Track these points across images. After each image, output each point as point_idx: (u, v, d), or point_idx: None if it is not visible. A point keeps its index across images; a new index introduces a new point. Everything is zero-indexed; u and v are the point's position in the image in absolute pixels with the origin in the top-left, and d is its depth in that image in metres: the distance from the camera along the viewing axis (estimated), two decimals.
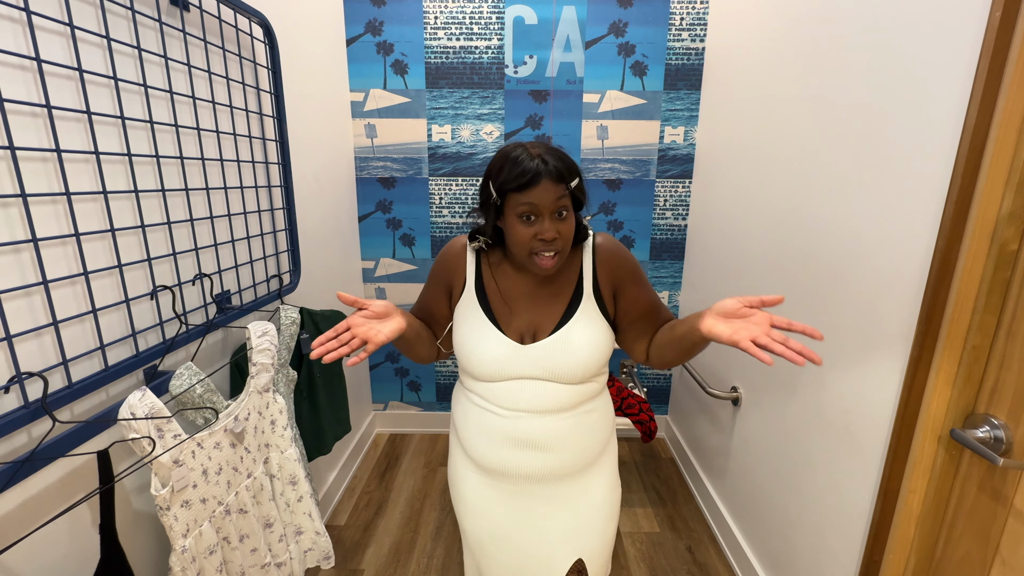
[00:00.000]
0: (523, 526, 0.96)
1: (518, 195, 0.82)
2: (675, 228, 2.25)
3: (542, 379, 0.90)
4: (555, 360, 0.89)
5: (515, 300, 0.94)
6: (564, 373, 0.90)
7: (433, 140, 2.16)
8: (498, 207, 0.87)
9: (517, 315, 0.93)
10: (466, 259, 0.97)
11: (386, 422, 2.53)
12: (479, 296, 0.94)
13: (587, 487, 0.98)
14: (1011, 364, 0.80)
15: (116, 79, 0.86)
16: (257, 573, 1.05)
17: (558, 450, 0.92)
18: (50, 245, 0.76)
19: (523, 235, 0.84)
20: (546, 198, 0.82)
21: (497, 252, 0.98)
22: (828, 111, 1.21)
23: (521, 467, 0.93)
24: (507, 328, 0.92)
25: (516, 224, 0.84)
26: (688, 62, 2.07)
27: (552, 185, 0.81)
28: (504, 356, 0.90)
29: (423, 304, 1.03)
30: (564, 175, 0.83)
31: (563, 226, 0.85)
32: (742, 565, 1.60)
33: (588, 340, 0.90)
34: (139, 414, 0.79)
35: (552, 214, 0.83)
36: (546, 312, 0.93)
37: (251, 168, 1.28)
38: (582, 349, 0.89)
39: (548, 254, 0.85)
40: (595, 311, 0.92)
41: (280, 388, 1.20)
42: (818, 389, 1.23)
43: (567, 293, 0.93)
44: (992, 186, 0.79)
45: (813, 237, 1.26)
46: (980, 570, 0.86)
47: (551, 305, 0.93)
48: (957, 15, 0.85)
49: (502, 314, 0.93)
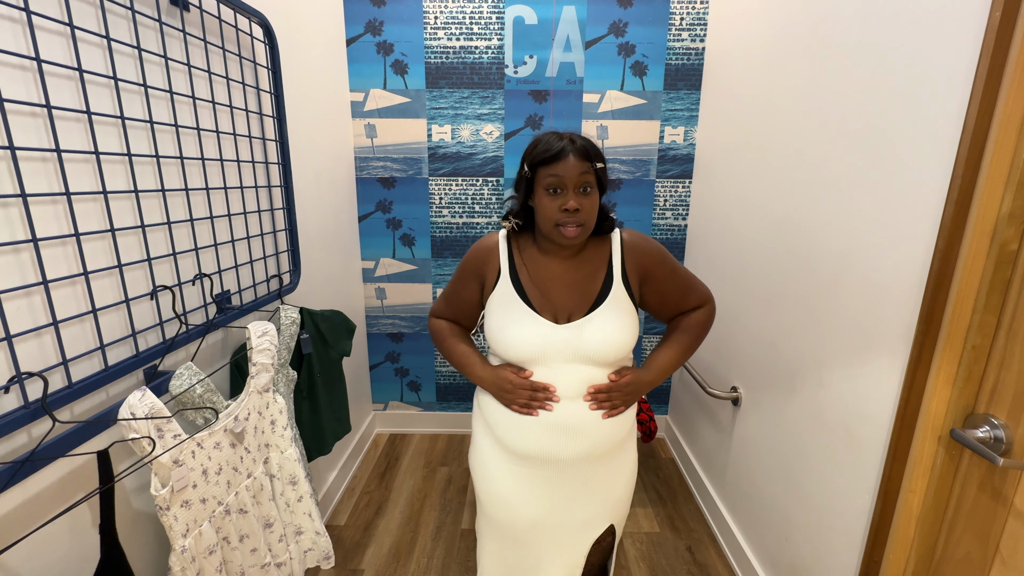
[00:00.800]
0: (559, 509, 1.02)
1: (546, 168, 0.92)
2: (675, 228, 2.25)
3: (575, 363, 0.97)
4: (588, 339, 0.96)
5: (547, 284, 1.00)
6: (596, 353, 0.96)
7: (433, 140, 2.16)
8: (529, 182, 0.96)
9: (550, 299, 1.00)
10: (499, 251, 1.04)
11: (386, 422, 2.53)
12: (514, 284, 1.01)
13: (616, 464, 1.05)
14: (1011, 364, 0.80)
15: (116, 79, 0.86)
16: (257, 573, 1.05)
17: (591, 434, 0.98)
18: (50, 245, 0.76)
19: (549, 207, 0.93)
20: (571, 172, 0.91)
21: (527, 239, 1.04)
22: (828, 111, 1.21)
23: (557, 452, 0.98)
24: (543, 310, 0.99)
25: (543, 197, 0.93)
26: (688, 62, 2.07)
27: (577, 161, 0.91)
28: (540, 336, 0.97)
29: (454, 299, 1.10)
30: (590, 154, 0.93)
31: (586, 200, 0.93)
32: (742, 565, 1.60)
33: (619, 323, 0.97)
34: (139, 414, 0.79)
35: (576, 188, 0.92)
36: (578, 296, 1.00)
37: (251, 168, 1.28)
38: (613, 331, 0.96)
39: (572, 225, 0.92)
40: (624, 297, 0.99)
41: (280, 388, 1.20)
42: (818, 389, 1.23)
43: (598, 280, 1.00)
44: (992, 186, 0.79)
45: (813, 237, 1.26)
46: (980, 570, 0.86)
47: (582, 290, 1.00)
48: (957, 15, 0.85)
49: (536, 298, 1.00)
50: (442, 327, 1.13)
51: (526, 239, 1.04)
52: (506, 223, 1.05)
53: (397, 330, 2.39)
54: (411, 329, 2.39)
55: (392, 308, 2.36)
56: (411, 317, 2.37)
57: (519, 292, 0.99)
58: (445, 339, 1.11)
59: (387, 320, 2.38)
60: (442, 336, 1.12)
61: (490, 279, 1.03)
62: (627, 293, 1.00)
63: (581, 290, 1.00)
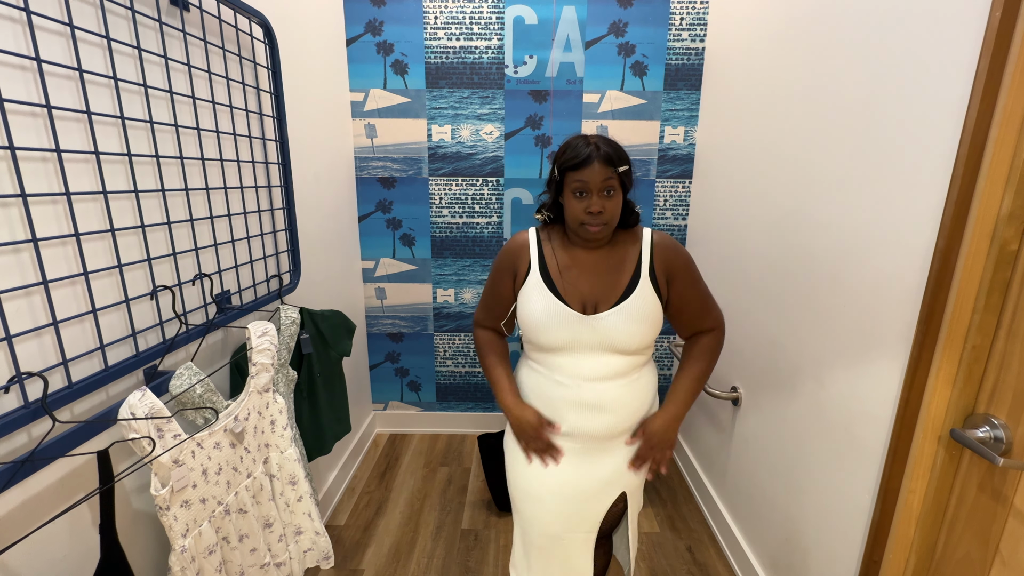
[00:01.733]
0: (583, 478, 1.09)
1: (573, 173, 0.99)
2: (675, 228, 2.25)
3: (601, 350, 1.04)
4: (615, 330, 1.02)
5: (576, 273, 1.07)
6: (621, 343, 1.02)
7: (433, 140, 2.16)
8: (558, 183, 1.04)
9: (579, 287, 1.06)
10: (530, 247, 1.11)
11: (386, 422, 2.53)
12: (544, 276, 1.07)
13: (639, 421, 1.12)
14: (1011, 364, 0.80)
15: (116, 79, 0.86)
16: (256, 573, 1.05)
17: (615, 410, 1.06)
18: (50, 245, 0.76)
19: (575, 208, 1.00)
20: (595, 177, 0.97)
21: (558, 231, 1.12)
22: (828, 111, 1.21)
23: (584, 426, 1.06)
24: (571, 300, 1.05)
25: (571, 199, 1.01)
26: (688, 62, 2.06)
27: (601, 167, 0.97)
28: (570, 325, 1.03)
29: (492, 300, 1.16)
30: (614, 160, 0.98)
31: (609, 203, 0.99)
32: (742, 565, 1.60)
33: (644, 315, 1.03)
34: (139, 414, 0.79)
35: (600, 192, 0.98)
36: (606, 286, 1.05)
37: (251, 168, 1.28)
38: (638, 323, 1.02)
39: (595, 224, 1.00)
40: (650, 291, 1.05)
41: (280, 388, 1.20)
42: (818, 389, 1.23)
43: (627, 273, 1.06)
44: (992, 186, 0.79)
45: (813, 237, 1.26)
46: (980, 570, 0.86)
47: (611, 281, 1.06)
48: (957, 15, 0.85)
49: (565, 288, 1.06)
50: (486, 340, 1.20)
51: (557, 231, 1.12)
52: (539, 215, 1.14)
53: (397, 330, 2.39)
54: (411, 329, 2.39)
55: (392, 308, 2.36)
56: (411, 317, 2.37)
57: (548, 283, 1.06)
58: (486, 355, 1.19)
59: (387, 320, 2.38)
60: (484, 350, 1.20)
61: (521, 272, 1.10)
62: (654, 289, 1.05)
63: (609, 280, 1.05)
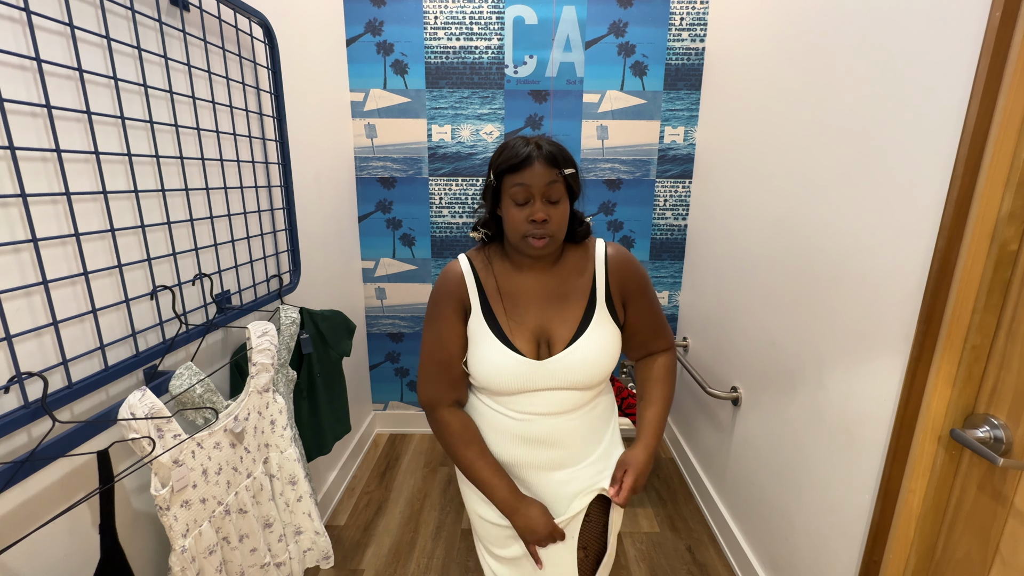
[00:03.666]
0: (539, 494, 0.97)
1: (512, 176, 0.86)
2: (675, 228, 2.25)
3: (558, 388, 0.92)
4: (574, 371, 0.91)
5: (524, 304, 0.94)
6: (581, 381, 0.92)
7: (433, 140, 2.16)
8: (495, 191, 0.91)
9: (527, 323, 0.93)
10: (466, 280, 0.95)
11: (386, 422, 2.53)
12: (487, 316, 0.93)
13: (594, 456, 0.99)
14: (1011, 364, 0.80)
15: (116, 79, 0.86)
16: (256, 573, 1.05)
17: (568, 445, 0.95)
18: (50, 245, 0.76)
19: (516, 218, 0.87)
20: (538, 180, 0.85)
21: (498, 251, 0.98)
22: (828, 111, 1.21)
23: (532, 461, 0.96)
24: (521, 341, 0.92)
25: (511, 208, 0.88)
26: (688, 62, 2.06)
27: (544, 168, 0.85)
28: (523, 374, 0.90)
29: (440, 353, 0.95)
30: (558, 160, 0.87)
31: (554, 211, 0.87)
32: (742, 565, 1.60)
33: (603, 349, 0.92)
34: (139, 414, 0.79)
35: (543, 197, 0.86)
36: (560, 320, 0.93)
37: (251, 168, 1.28)
38: (599, 360, 0.92)
39: (539, 236, 0.87)
40: (608, 320, 0.94)
41: (280, 388, 1.20)
42: (818, 389, 1.23)
43: (581, 300, 0.94)
44: (992, 186, 0.79)
45: (813, 237, 1.26)
46: (980, 570, 0.86)
47: (565, 312, 0.93)
48: (957, 15, 0.85)
49: (512, 329, 0.92)
50: (453, 431, 0.95)
51: (496, 252, 0.97)
52: (475, 234, 0.99)
53: (397, 330, 2.39)
54: (411, 329, 2.39)
55: (392, 308, 2.36)
56: (411, 317, 2.37)
57: (492, 325, 0.92)
58: (458, 450, 0.95)
59: (387, 320, 2.38)
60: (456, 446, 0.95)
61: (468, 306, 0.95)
62: (611, 315, 0.94)
63: (562, 311, 0.93)
